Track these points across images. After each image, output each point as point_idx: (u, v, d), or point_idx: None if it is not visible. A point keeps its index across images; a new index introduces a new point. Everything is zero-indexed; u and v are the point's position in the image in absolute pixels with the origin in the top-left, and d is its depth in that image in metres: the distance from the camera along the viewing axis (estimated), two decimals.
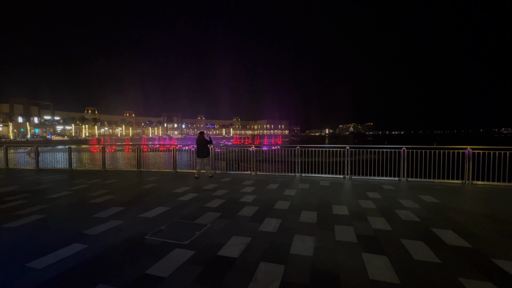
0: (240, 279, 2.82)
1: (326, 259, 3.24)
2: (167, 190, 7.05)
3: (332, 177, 8.80)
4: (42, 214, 5.05)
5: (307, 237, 3.86)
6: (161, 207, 5.42)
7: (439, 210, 5.18)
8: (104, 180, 8.70)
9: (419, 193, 6.55)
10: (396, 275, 2.86)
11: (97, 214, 5.00)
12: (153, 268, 3.04)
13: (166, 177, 9.08)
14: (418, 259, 3.23)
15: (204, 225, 4.38)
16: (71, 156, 11.45)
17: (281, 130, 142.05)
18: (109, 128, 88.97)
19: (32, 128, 67.59)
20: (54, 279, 2.85)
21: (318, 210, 5.19)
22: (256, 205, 5.57)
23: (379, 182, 8.01)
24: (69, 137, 68.90)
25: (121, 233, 4.08)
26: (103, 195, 6.52)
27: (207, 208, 5.39)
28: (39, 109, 74.70)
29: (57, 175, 9.82)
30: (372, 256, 3.29)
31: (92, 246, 3.63)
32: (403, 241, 3.73)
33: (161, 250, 3.48)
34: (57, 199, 6.26)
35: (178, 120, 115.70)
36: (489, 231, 4.08)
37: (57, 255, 3.38)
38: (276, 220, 4.60)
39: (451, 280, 2.80)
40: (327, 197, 6.24)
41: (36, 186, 7.78)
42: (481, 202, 5.90)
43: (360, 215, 4.88)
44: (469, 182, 7.61)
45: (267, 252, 3.41)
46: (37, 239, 3.91)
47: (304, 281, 2.77)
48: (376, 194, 6.48)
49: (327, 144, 33.25)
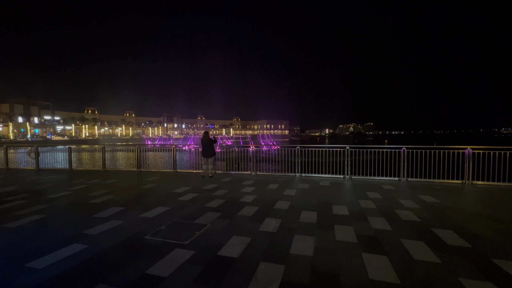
0: (240, 279, 2.82)
1: (326, 259, 3.24)
2: (167, 190, 7.05)
3: (332, 177, 8.80)
4: (42, 214, 5.05)
5: (307, 237, 3.86)
6: (161, 207, 5.42)
7: (439, 210, 5.18)
8: (104, 180, 8.70)
9: (419, 193, 6.55)
10: (396, 275, 2.86)
11: (97, 214, 5.00)
12: (153, 268, 3.04)
13: (166, 177, 9.08)
14: (418, 259, 3.23)
15: (204, 225, 4.38)
16: (71, 156, 11.46)
17: (281, 130, 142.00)
18: (109, 128, 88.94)
19: (32, 128, 67.57)
20: (54, 279, 2.85)
21: (318, 210, 5.19)
22: (256, 205, 5.57)
23: (379, 182, 8.01)
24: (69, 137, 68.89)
25: (121, 233, 4.08)
26: (103, 195, 6.52)
27: (207, 208, 5.39)
28: (39, 109, 74.65)
29: (57, 175, 9.82)
30: (372, 256, 3.29)
31: (92, 246, 3.63)
32: (403, 241, 3.73)
33: (161, 250, 3.48)
34: (57, 199, 6.26)
35: (178, 120, 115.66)
36: (489, 231, 4.08)
37: (57, 255, 3.38)
38: (276, 220, 4.60)
39: (451, 280, 2.80)
40: (327, 197, 6.24)
41: (36, 186, 7.78)
42: (481, 202, 5.90)
43: (360, 215, 4.88)
44: (469, 182, 7.61)
45: (267, 252, 3.41)
46: (37, 239, 3.91)
47: (304, 281, 2.77)
48: (376, 194, 6.48)
49: (327, 144, 33.27)
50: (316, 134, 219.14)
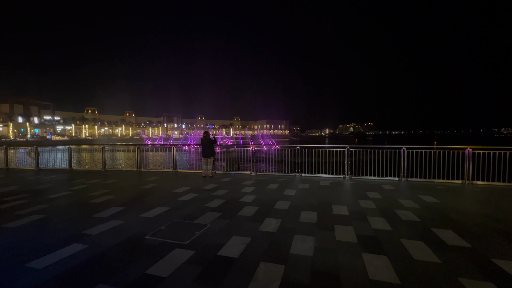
0: (240, 279, 2.82)
1: (326, 259, 3.24)
2: (167, 190, 7.05)
3: (332, 177, 8.80)
4: (42, 214, 5.05)
5: (307, 237, 3.86)
6: (161, 207, 5.42)
7: (439, 210, 5.18)
8: (104, 180, 8.70)
9: (419, 193, 6.55)
10: (396, 275, 2.86)
11: (97, 214, 5.00)
12: (153, 268, 3.04)
13: (166, 177, 9.08)
14: (418, 259, 3.23)
15: (204, 225, 4.38)
16: (71, 156, 11.46)
17: (281, 130, 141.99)
18: (109, 128, 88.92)
19: (32, 128, 67.56)
20: (54, 279, 2.85)
21: (318, 210, 5.19)
22: (256, 205, 5.57)
23: (379, 182, 8.01)
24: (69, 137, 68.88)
25: (121, 233, 4.08)
26: (103, 195, 6.52)
27: (207, 208, 5.38)
28: (39, 109, 74.63)
29: (57, 175, 9.82)
30: (372, 256, 3.29)
31: (92, 246, 3.63)
32: (403, 241, 3.73)
33: (161, 250, 3.48)
34: (57, 199, 6.26)
35: (178, 120, 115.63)
36: (489, 231, 4.08)
37: (57, 255, 3.38)
38: (276, 220, 4.60)
39: (451, 280, 2.80)
40: (327, 197, 6.24)
41: (36, 186, 7.78)
42: (481, 202, 5.90)
43: (360, 215, 4.88)
44: (469, 182, 7.61)
45: (267, 252, 3.41)
46: (37, 239, 3.91)
47: (304, 281, 2.77)
48: (376, 194, 6.48)
49: (327, 144, 33.24)
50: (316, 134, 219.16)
